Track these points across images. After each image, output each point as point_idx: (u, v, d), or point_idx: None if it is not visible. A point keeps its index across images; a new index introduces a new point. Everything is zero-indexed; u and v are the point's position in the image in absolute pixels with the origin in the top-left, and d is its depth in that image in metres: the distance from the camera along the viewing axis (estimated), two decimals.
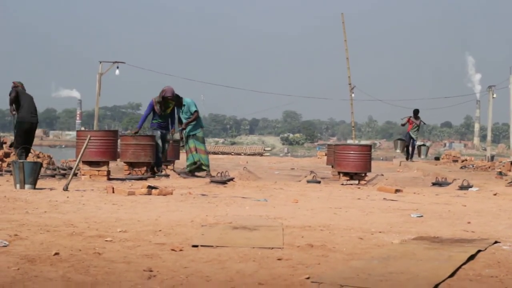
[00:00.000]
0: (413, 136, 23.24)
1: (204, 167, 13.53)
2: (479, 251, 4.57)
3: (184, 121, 13.55)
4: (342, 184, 12.74)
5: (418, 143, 24.61)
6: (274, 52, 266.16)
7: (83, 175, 11.61)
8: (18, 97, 12.78)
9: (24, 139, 12.72)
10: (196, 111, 13.67)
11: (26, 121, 12.83)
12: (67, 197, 7.93)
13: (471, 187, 11.52)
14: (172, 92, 13.35)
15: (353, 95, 38.33)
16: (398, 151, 24.84)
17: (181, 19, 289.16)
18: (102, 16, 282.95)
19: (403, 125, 23.54)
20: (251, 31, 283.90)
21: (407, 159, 23.20)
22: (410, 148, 23.37)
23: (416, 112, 23.52)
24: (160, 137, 13.42)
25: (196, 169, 13.58)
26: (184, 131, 13.50)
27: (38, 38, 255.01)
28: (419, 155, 24.99)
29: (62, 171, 12.53)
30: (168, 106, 13.43)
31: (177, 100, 13.39)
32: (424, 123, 24.05)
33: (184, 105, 13.58)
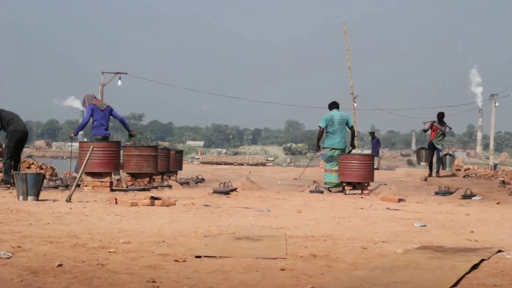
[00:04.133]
0: (437, 146, 18.94)
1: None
2: (482, 260, 4.57)
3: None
4: (345, 194, 12.74)
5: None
6: (276, 62, 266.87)
7: (86, 186, 11.62)
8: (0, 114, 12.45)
9: (16, 149, 12.47)
10: (319, 127, 14.12)
11: (20, 130, 12.51)
12: (70, 209, 7.92)
13: (474, 196, 11.51)
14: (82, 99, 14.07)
15: (355, 104, 38.43)
16: (423, 163, 19.79)
17: (184, 29, 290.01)
18: (104, 27, 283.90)
19: (425, 131, 19.25)
20: (253, 40, 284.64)
21: (430, 174, 19.02)
22: (434, 160, 19.19)
23: (441, 116, 18.91)
24: None
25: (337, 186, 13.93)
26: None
27: (41, 49, 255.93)
28: (443, 167, 19.83)
29: (65, 182, 12.53)
30: None
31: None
32: (450, 128, 19.65)
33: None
